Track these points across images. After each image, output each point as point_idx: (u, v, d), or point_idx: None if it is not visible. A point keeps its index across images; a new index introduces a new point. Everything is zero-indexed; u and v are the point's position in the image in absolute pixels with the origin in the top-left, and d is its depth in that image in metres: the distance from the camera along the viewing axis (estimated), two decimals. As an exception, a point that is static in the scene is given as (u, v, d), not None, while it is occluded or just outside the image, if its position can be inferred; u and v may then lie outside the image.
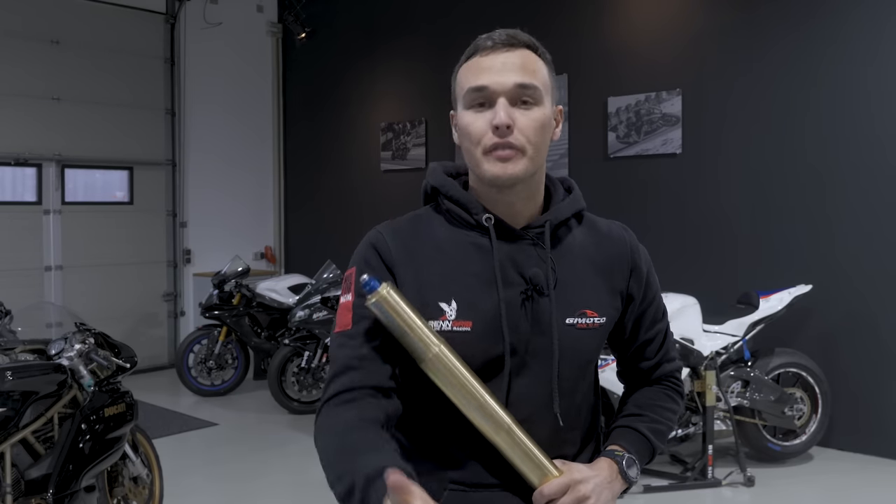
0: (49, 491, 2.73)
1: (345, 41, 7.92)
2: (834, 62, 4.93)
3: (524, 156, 1.28)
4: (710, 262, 5.45)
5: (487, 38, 1.31)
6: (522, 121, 1.27)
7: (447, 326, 1.29)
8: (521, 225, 1.34)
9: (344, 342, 1.30)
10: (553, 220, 1.35)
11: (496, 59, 1.28)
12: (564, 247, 1.37)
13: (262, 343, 6.58)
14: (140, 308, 7.71)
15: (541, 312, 1.32)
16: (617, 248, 1.41)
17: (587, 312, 1.34)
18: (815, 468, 4.67)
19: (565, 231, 1.38)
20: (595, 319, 1.35)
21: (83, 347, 2.97)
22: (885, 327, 4.78)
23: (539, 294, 1.32)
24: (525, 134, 1.27)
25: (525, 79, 1.27)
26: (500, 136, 1.26)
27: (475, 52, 1.31)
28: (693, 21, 5.56)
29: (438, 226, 1.37)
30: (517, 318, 1.31)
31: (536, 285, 1.32)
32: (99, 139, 7.35)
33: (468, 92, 1.29)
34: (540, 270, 1.32)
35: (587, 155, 6.09)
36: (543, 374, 1.32)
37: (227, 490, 4.45)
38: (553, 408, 1.32)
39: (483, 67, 1.29)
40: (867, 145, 4.82)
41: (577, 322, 1.33)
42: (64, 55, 7.14)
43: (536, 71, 1.29)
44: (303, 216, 8.43)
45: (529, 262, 1.33)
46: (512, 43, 1.30)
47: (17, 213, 6.94)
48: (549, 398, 1.33)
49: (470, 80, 1.30)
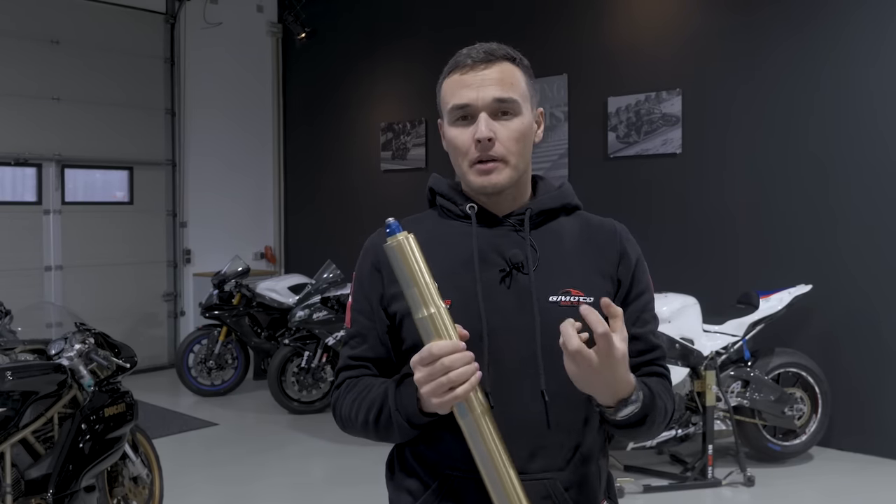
0: (49, 491, 2.73)
1: (345, 41, 7.92)
2: (835, 63, 4.93)
3: (507, 165, 1.37)
4: (710, 262, 5.45)
5: (467, 55, 1.38)
6: (503, 132, 1.36)
7: None
8: (505, 214, 1.42)
9: (347, 341, 1.48)
10: (535, 208, 1.42)
11: (475, 77, 1.36)
12: (549, 231, 1.43)
13: (262, 343, 6.58)
14: (140, 308, 7.71)
15: (522, 291, 1.36)
16: (606, 235, 1.45)
17: (572, 291, 1.37)
18: (815, 468, 4.66)
19: (551, 219, 1.44)
20: (580, 298, 1.36)
21: (83, 347, 2.97)
22: (885, 327, 4.78)
23: (519, 272, 1.37)
24: (506, 145, 1.36)
25: (503, 93, 1.36)
26: (483, 150, 1.35)
27: (455, 69, 1.39)
28: (693, 21, 5.56)
29: (432, 221, 1.47)
30: (497, 295, 1.36)
31: (516, 264, 1.37)
32: (99, 139, 7.35)
33: (452, 109, 1.38)
34: (520, 251, 1.38)
35: (587, 155, 6.10)
36: (527, 351, 1.34)
37: (226, 490, 4.45)
38: (539, 383, 1.33)
39: (464, 84, 1.37)
40: (867, 145, 4.82)
41: (561, 300, 1.36)
42: (64, 55, 7.14)
43: (514, 83, 1.37)
44: (303, 216, 8.43)
45: (510, 245, 1.39)
46: (489, 59, 1.37)
47: (17, 213, 6.94)
48: (534, 375, 1.33)
49: (453, 98, 1.38)
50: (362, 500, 4.29)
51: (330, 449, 5.17)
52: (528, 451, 1.33)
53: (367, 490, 4.41)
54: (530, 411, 1.34)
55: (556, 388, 1.33)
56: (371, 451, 4.79)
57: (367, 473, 4.63)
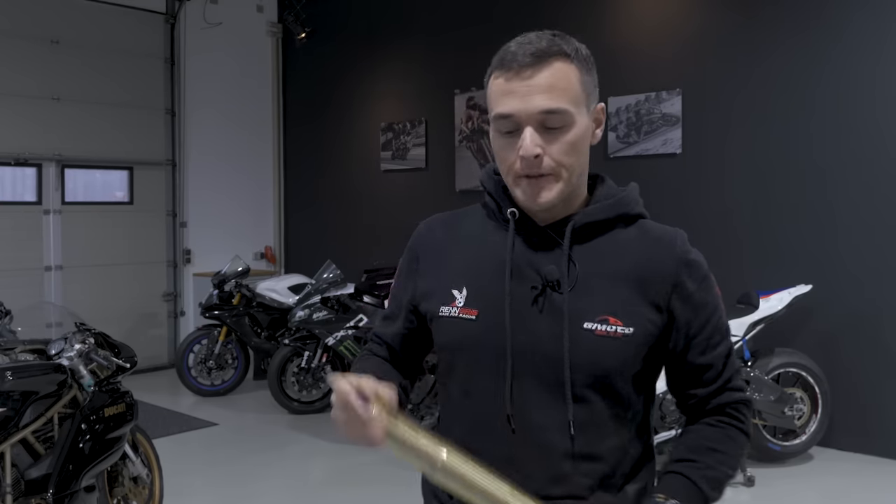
0: (49, 491, 2.73)
1: (345, 41, 7.91)
2: (835, 63, 4.93)
3: (558, 180, 1.26)
4: (710, 262, 5.35)
5: (514, 54, 1.24)
6: (553, 146, 1.24)
7: (454, 312, 1.32)
8: (550, 222, 1.31)
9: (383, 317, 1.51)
10: (579, 220, 1.29)
11: (522, 83, 1.22)
12: (595, 248, 1.29)
13: (262, 343, 6.58)
14: (140, 308, 7.71)
15: (555, 312, 1.25)
16: (662, 258, 1.29)
17: (609, 319, 1.24)
18: (815, 468, 4.66)
19: (601, 233, 1.31)
20: (619, 328, 1.24)
21: (83, 347, 2.97)
22: (885, 327, 4.78)
23: (554, 292, 1.26)
24: (556, 158, 1.24)
25: (552, 103, 1.22)
26: (529, 167, 1.24)
27: (501, 69, 1.25)
28: (693, 21, 5.56)
29: (477, 219, 1.40)
30: (527, 313, 1.26)
31: (551, 282, 1.26)
32: (99, 139, 7.35)
33: (496, 117, 1.26)
34: (556, 267, 1.26)
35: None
36: (553, 378, 1.24)
37: (226, 490, 4.45)
38: (566, 414, 1.23)
39: (509, 90, 1.23)
40: (867, 145, 4.82)
41: (597, 328, 1.24)
42: (64, 55, 7.13)
43: (567, 87, 1.23)
44: (303, 216, 8.43)
45: (548, 259, 1.28)
46: (539, 59, 1.22)
47: (17, 213, 6.94)
48: (560, 405, 1.24)
49: (496, 105, 1.25)
50: (362, 500, 4.29)
51: (330, 449, 5.17)
52: (548, 476, 1.25)
53: (368, 490, 4.41)
54: (554, 441, 1.25)
55: (585, 417, 1.24)
56: (371, 451, 4.78)
57: (368, 474, 4.63)
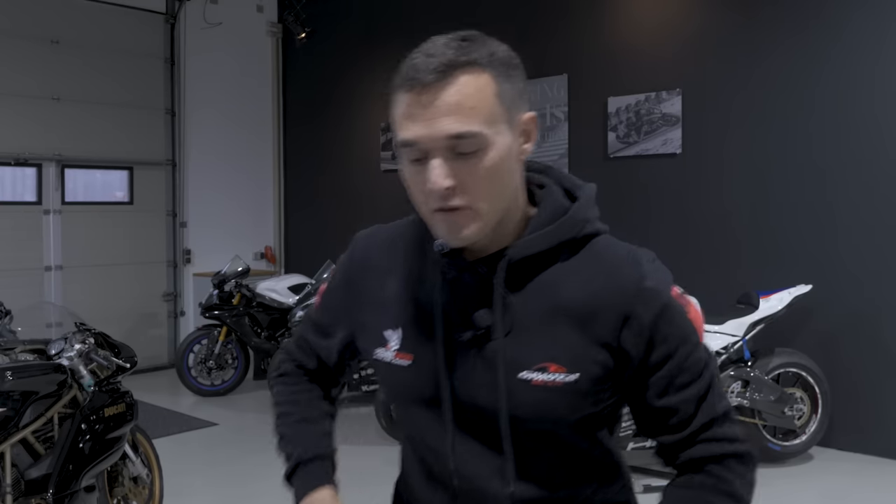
0: (49, 491, 2.73)
1: (345, 41, 7.91)
2: (835, 63, 4.93)
3: (476, 216, 1.07)
4: (710, 262, 5.45)
5: (416, 68, 1.05)
6: (468, 177, 1.05)
7: (389, 358, 1.20)
8: (485, 254, 1.14)
9: (311, 321, 1.41)
10: (514, 255, 1.11)
11: (426, 109, 1.04)
12: (535, 284, 1.12)
13: (262, 343, 6.58)
14: (140, 308, 7.71)
15: (490, 361, 1.12)
16: (612, 289, 1.10)
17: (550, 367, 1.09)
18: (815, 468, 4.66)
19: (542, 266, 1.13)
20: (560, 376, 1.09)
21: (83, 347, 2.97)
22: (885, 327, 4.78)
23: (488, 340, 1.12)
24: (471, 191, 1.06)
25: (460, 127, 1.03)
26: (442, 200, 1.06)
27: (403, 86, 1.06)
28: (693, 21, 5.56)
29: (415, 242, 1.23)
30: (461, 361, 1.14)
31: (481, 328, 1.12)
32: (99, 139, 7.35)
33: (400, 144, 1.08)
34: (487, 313, 1.12)
35: (587, 155, 6.09)
36: (493, 431, 1.12)
37: (226, 490, 4.45)
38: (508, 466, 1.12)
39: (411, 113, 1.05)
40: (867, 145, 4.82)
41: (534, 378, 1.09)
42: (64, 55, 7.14)
43: (477, 106, 1.04)
44: (303, 216, 8.43)
45: (481, 301, 1.13)
46: (443, 75, 1.03)
47: (17, 213, 6.94)
48: (501, 459, 1.13)
49: (399, 129, 1.08)
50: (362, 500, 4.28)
51: (330, 449, 5.16)
52: None
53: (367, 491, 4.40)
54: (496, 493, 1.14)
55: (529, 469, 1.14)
56: (371, 452, 4.78)
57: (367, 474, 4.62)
